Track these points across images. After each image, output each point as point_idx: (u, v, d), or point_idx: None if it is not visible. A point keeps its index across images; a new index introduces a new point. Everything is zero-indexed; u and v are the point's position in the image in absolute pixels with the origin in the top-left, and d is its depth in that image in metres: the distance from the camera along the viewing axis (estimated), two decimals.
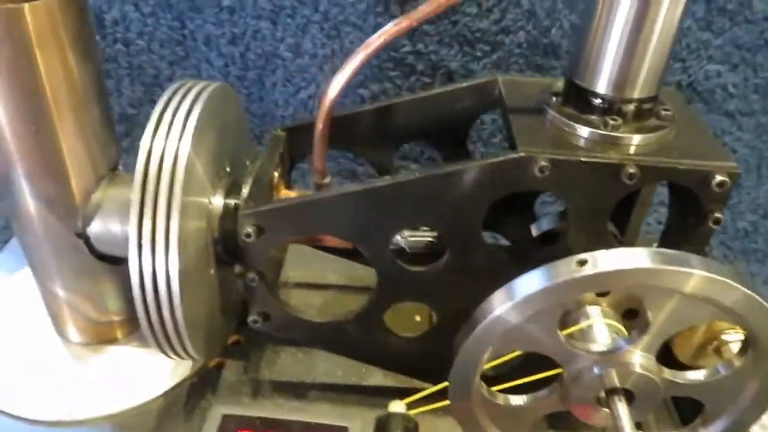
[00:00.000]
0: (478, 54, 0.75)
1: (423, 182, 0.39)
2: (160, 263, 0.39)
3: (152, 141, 0.41)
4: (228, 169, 0.48)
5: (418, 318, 0.55)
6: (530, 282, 0.34)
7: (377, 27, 0.75)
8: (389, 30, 0.41)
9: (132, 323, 0.54)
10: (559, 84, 0.44)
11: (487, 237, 0.42)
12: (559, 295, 0.34)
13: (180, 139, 0.40)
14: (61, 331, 0.53)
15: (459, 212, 0.40)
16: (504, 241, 0.52)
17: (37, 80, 0.40)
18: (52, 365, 0.51)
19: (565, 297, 0.34)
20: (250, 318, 0.45)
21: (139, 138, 0.41)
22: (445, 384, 0.39)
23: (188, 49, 0.79)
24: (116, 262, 0.49)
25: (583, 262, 0.33)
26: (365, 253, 0.42)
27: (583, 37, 0.40)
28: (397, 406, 0.45)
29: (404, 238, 0.45)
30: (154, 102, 0.74)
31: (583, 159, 0.37)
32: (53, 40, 0.40)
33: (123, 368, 0.51)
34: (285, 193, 0.47)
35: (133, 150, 0.41)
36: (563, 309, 0.35)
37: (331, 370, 0.51)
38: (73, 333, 0.52)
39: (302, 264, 0.57)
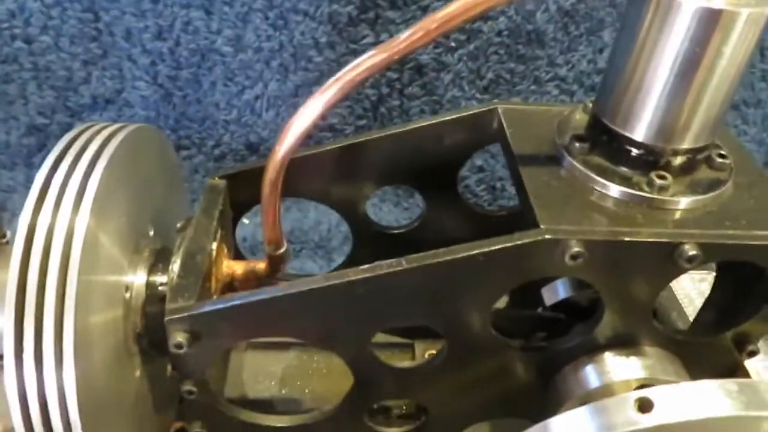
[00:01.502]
0: (452, 44, 0.64)
1: (413, 274, 0.29)
2: (50, 383, 0.29)
3: (36, 215, 0.30)
4: (151, 233, 0.37)
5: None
6: (576, 427, 0.25)
7: (332, 16, 0.65)
8: (364, 62, 0.30)
9: None
10: (578, 118, 0.34)
11: None
12: None
13: (76, 210, 0.29)
14: None
15: (461, 307, 0.30)
16: None
17: None
18: None
19: None
20: (191, 431, 0.35)
21: None
22: None
23: (105, 45, 0.65)
24: None
25: (645, 406, 0.24)
26: (339, 355, 0.32)
27: (618, 68, 0.30)
28: None
29: None
30: (69, 109, 0.62)
31: (627, 239, 0.28)
32: None
33: None
34: (228, 268, 0.36)
35: None
36: None
37: None
38: None
39: None
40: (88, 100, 0.68)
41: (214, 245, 0.35)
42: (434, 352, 0.44)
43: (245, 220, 0.44)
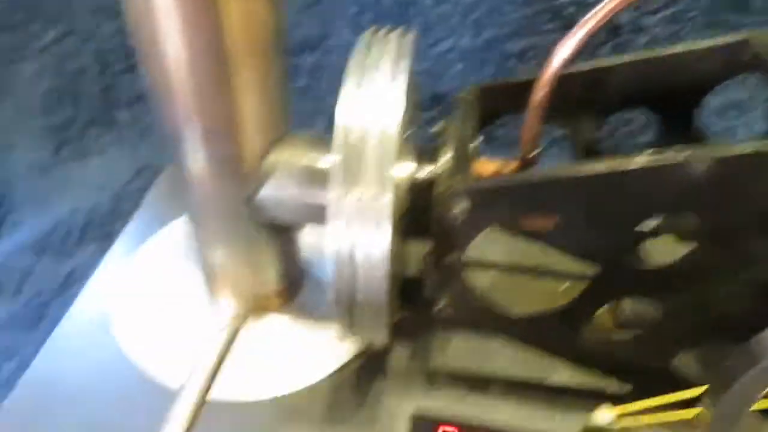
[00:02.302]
0: (653, 7, 0.66)
1: (704, 164, 0.32)
2: (365, 239, 0.34)
3: (355, 96, 0.35)
4: (406, 135, 0.42)
5: (566, 284, 0.49)
6: None
7: None
8: None
9: (286, 294, 0.49)
10: None
11: None
12: None
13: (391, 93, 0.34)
14: (214, 300, 0.49)
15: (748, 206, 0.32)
16: None
17: (218, 27, 0.34)
18: (206, 338, 0.47)
19: None
20: (436, 307, 0.40)
21: None
22: (669, 397, 0.34)
23: None
24: (280, 230, 0.45)
25: None
26: (592, 244, 0.36)
27: None
28: (604, 415, 0.40)
29: None
30: None
31: None
32: None
33: (281, 344, 0.47)
34: (481, 166, 0.40)
35: None
36: None
37: (511, 361, 0.46)
38: (228, 303, 0.48)
39: None
40: (295, 45, 0.75)
41: (475, 143, 0.40)
42: None
43: None
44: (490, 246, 0.51)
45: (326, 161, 0.40)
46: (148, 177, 0.71)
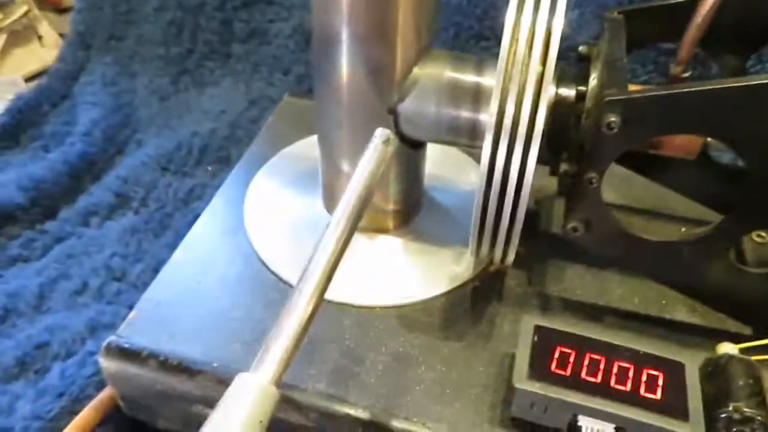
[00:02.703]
0: None
1: None
2: (517, 153, 0.35)
3: (519, 16, 0.35)
4: None
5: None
6: None
7: None
8: None
9: (404, 214, 0.50)
10: None
11: None
12: None
13: (552, 15, 0.35)
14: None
15: None
16: None
17: None
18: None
19: None
20: (569, 225, 0.40)
21: None
22: None
23: None
24: (414, 146, 0.46)
25: None
26: (744, 160, 0.35)
27: None
28: (729, 349, 0.39)
29: None
30: None
31: None
32: None
33: (401, 260, 0.48)
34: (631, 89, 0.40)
35: None
36: None
37: (626, 296, 0.46)
38: None
39: None
40: None
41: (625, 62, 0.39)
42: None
43: None
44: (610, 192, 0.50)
45: (469, 77, 0.41)
46: (261, 108, 0.74)
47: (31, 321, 0.51)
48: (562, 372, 0.36)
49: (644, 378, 0.36)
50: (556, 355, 0.37)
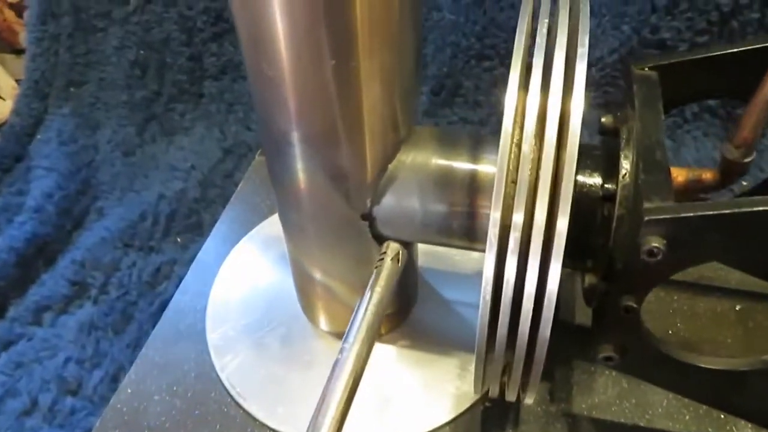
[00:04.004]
0: None
1: None
2: (532, 271, 0.26)
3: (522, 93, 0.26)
4: None
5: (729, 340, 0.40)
6: None
7: None
8: None
9: (397, 316, 0.42)
10: None
11: None
12: None
13: (568, 92, 0.25)
14: (312, 316, 0.42)
15: None
16: None
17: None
18: (306, 361, 0.40)
19: None
20: (601, 355, 0.31)
21: None
22: None
23: None
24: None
25: None
26: None
27: None
28: None
29: None
30: None
31: None
32: None
33: (395, 377, 0.40)
34: (677, 176, 0.31)
35: None
36: None
37: (674, 412, 0.37)
38: (326, 322, 0.41)
39: None
40: None
41: (665, 148, 0.30)
42: None
43: None
44: None
45: (463, 164, 0.32)
46: (237, 157, 0.66)
47: None
48: None
49: None
50: None
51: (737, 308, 0.42)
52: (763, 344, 0.41)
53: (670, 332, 0.41)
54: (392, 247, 0.33)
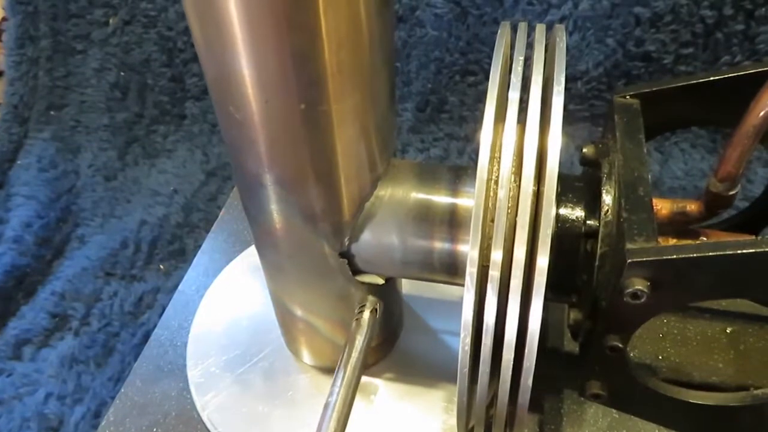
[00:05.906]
0: None
1: None
2: (512, 312, 0.25)
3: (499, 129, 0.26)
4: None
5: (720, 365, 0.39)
6: None
7: None
8: None
9: (382, 347, 0.41)
10: None
11: None
12: None
13: (545, 128, 0.25)
14: (294, 350, 0.41)
15: None
16: None
17: (315, 37, 0.24)
18: (289, 398, 0.39)
19: None
20: (590, 391, 0.30)
21: None
22: None
23: None
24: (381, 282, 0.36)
25: None
26: None
27: None
28: None
29: None
30: None
31: None
32: None
33: (380, 413, 0.39)
34: (660, 208, 0.30)
35: None
36: None
37: None
38: (309, 356, 0.40)
39: None
40: None
41: (649, 184, 0.29)
42: None
43: None
44: None
45: (443, 198, 0.31)
46: (220, 180, 0.65)
47: None
48: None
49: None
50: None
51: (728, 330, 0.41)
52: (756, 367, 0.40)
53: (660, 357, 0.40)
54: (370, 300, 0.32)
